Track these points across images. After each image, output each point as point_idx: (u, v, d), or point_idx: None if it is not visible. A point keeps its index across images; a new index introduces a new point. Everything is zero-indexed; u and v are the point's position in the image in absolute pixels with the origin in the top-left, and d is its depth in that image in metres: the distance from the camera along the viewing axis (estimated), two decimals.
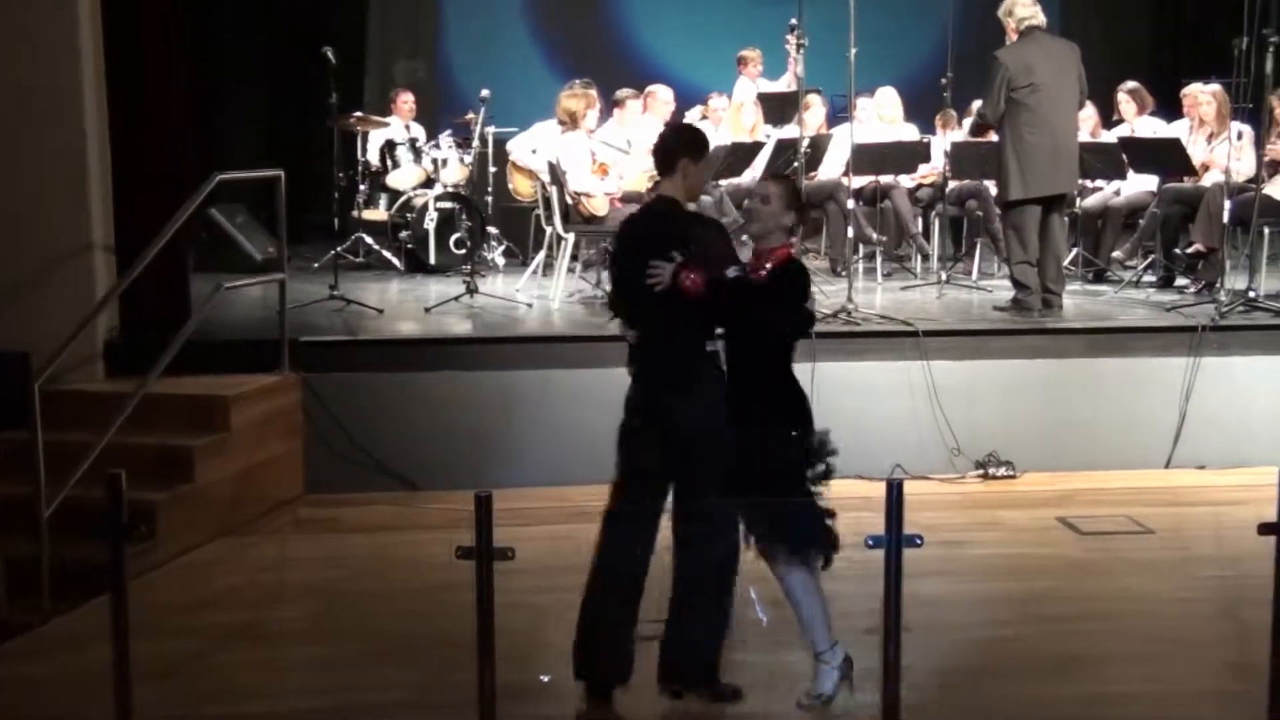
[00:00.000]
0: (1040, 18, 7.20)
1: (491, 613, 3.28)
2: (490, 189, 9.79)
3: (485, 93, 9.27)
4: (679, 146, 4.16)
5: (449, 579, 4.11)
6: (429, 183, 9.40)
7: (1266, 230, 7.70)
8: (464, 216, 9.21)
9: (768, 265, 4.05)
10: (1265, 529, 3.53)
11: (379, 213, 9.56)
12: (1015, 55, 7.10)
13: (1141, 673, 4.42)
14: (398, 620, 4.89)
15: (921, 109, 9.66)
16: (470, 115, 9.59)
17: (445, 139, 9.64)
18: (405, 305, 7.86)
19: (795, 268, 4.09)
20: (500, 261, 9.55)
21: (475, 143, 9.53)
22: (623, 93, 8.62)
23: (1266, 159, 7.61)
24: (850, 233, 8.01)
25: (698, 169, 4.16)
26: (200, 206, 6.35)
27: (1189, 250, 8.08)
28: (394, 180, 9.52)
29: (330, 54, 8.42)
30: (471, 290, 7.72)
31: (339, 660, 4.54)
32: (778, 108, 9.15)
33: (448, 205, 9.20)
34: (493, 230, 9.65)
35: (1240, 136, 7.95)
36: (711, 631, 4.16)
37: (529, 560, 3.93)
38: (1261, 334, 6.94)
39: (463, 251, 8.95)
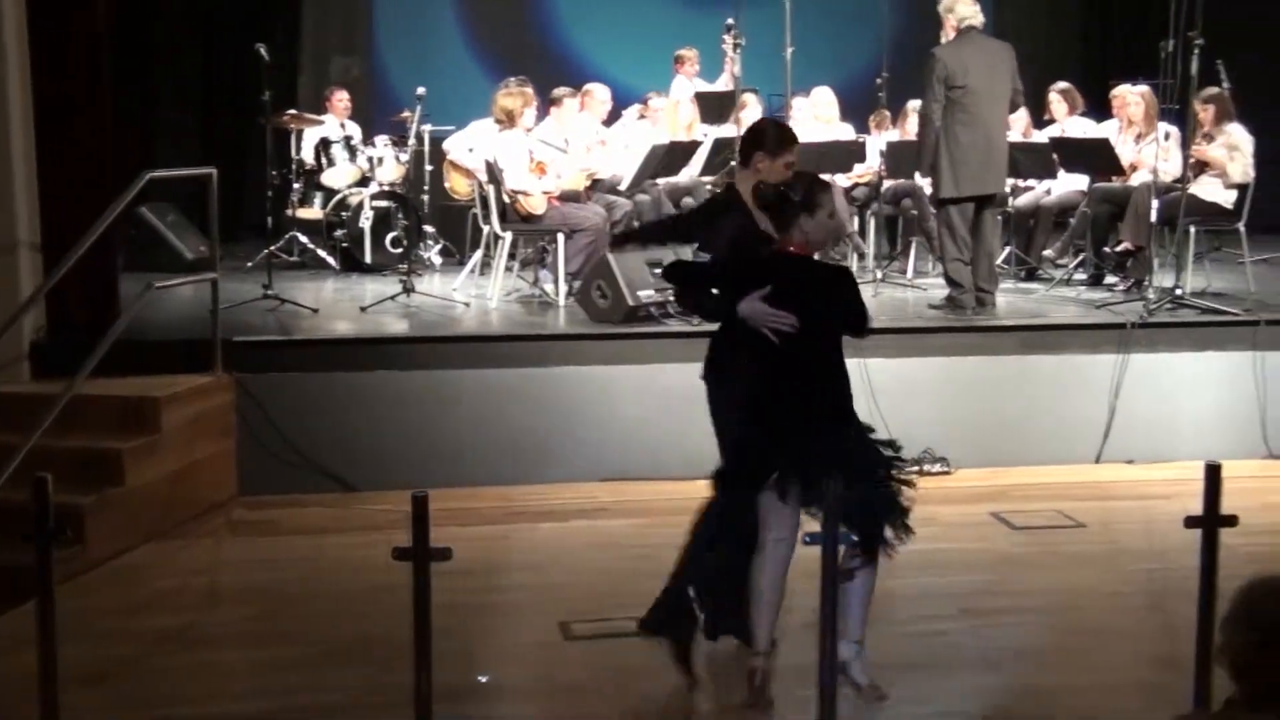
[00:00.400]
0: (979, 18, 7.27)
1: (428, 614, 3.26)
2: (427, 188, 9.73)
3: (421, 91, 9.21)
4: (753, 140, 4.43)
5: (386, 580, 4.08)
6: (364, 181, 9.33)
7: (1192, 229, 7.84)
8: (400, 215, 9.14)
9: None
10: (1191, 522, 3.59)
11: (314, 211, 9.47)
12: (952, 54, 7.18)
13: (1073, 665, 4.48)
14: (334, 622, 4.84)
15: (857, 109, 9.74)
16: (406, 113, 9.53)
17: (381, 137, 9.57)
18: (341, 305, 7.80)
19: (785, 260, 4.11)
20: (437, 260, 9.49)
21: (411, 141, 9.47)
22: (559, 91, 8.61)
23: (1192, 159, 7.75)
24: None
25: (772, 164, 4.31)
26: (130, 205, 6.26)
27: (1118, 249, 8.21)
28: (329, 179, 9.43)
29: (264, 51, 8.33)
30: (408, 289, 7.67)
31: (275, 663, 4.49)
32: (715, 107, 9.18)
33: (384, 204, 9.13)
34: (429, 229, 9.59)
35: (1167, 137, 8.09)
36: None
37: (467, 561, 3.92)
38: (1187, 331, 7.07)
39: (399, 250, 8.88)
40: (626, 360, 6.70)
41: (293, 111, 9.66)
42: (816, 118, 9.38)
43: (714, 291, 4.20)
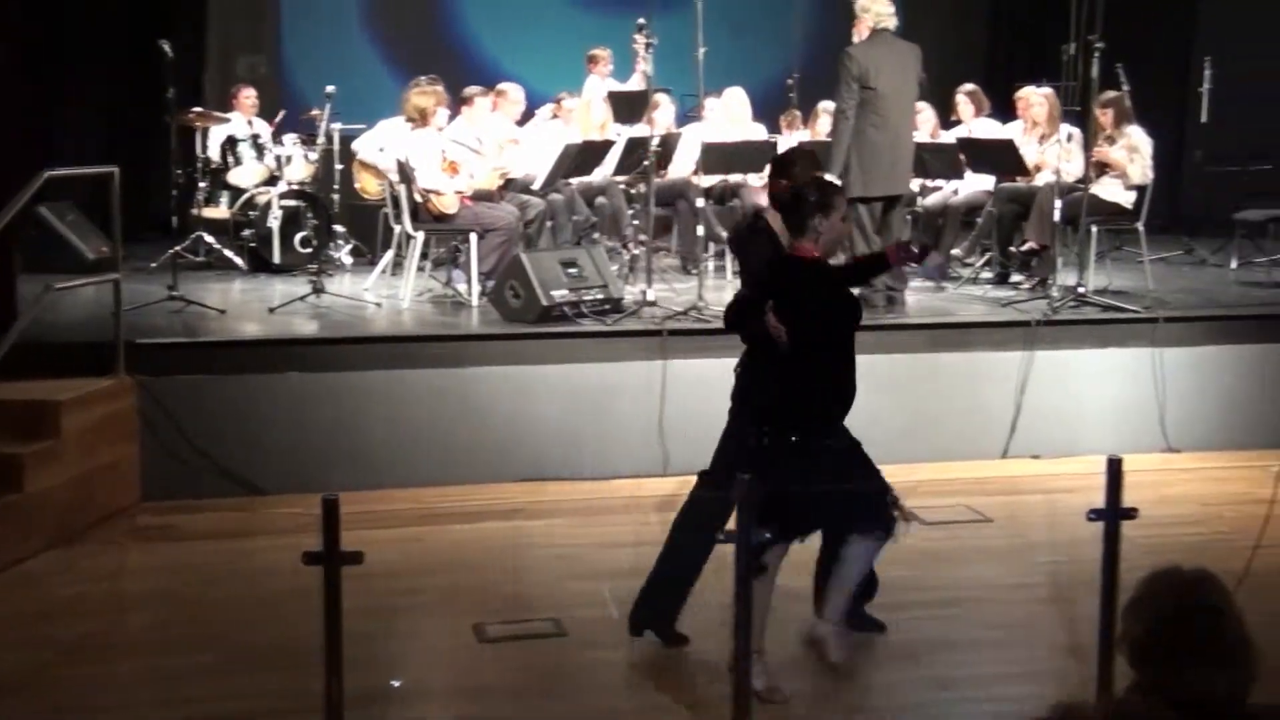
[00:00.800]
0: (894, 21, 7.35)
1: (339, 618, 3.23)
2: (337, 186, 9.61)
3: (330, 89, 9.10)
4: (782, 166, 4.64)
5: (296, 585, 4.02)
6: (272, 180, 9.18)
7: (1094, 229, 8.01)
8: (309, 215, 9.01)
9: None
10: (1095, 515, 3.67)
11: (220, 211, 9.30)
12: (865, 53, 7.24)
13: (982, 657, 4.56)
14: (243, 629, 4.77)
15: (769, 109, 9.81)
16: (315, 111, 9.41)
17: (290, 136, 9.44)
18: (248, 305, 7.67)
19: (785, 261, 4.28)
20: (347, 261, 9.38)
21: (321, 139, 9.35)
22: (470, 90, 8.55)
23: (1094, 160, 7.92)
24: (700, 231, 8.09)
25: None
26: (29, 204, 6.10)
27: (1023, 248, 8.37)
28: (235, 177, 9.27)
29: (167, 47, 8.16)
30: (318, 290, 7.57)
31: (182, 672, 4.40)
32: (627, 107, 9.19)
33: (292, 203, 9.00)
34: (339, 229, 9.47)
35: (1070, 138, 8.26)
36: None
37: (379, 564, 3.88)
38: (1090, 328, 7.23)
39: (308, 250, 8.77)
40: (540, 360, 6.68)
41: (198, 109, 9.49)
42: (729, 118, 9.44)
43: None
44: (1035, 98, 8.69)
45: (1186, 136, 11.41)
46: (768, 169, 5.02)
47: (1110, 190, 8.04)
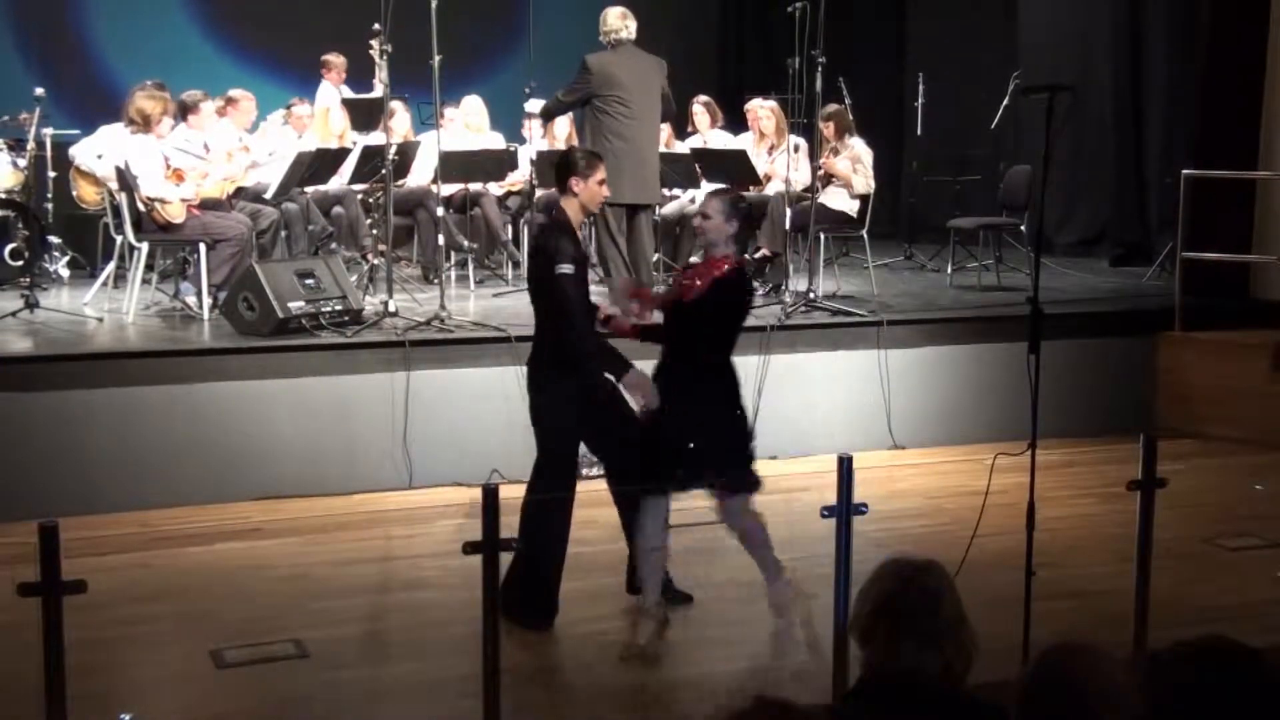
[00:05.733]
0: (627, 33, 7.48)
1: (60, 652, 3.04)
2: (50, 195, 9.07)
3: (39, 91, 8.59)
4: (565, 168, 4.86)
5: (14, 619, 3.76)
6: None
7: (823, 236, 8.35)
8: (20, 225, 8.47)
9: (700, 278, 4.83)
10: (827, 512, 3.82)
11: None
12: (602, 64, 7.34)
13: (723, 654, 4.67)
14: None
15: (506, 117, 9.82)
16: (24, 116, 8.85)
17: None
18: None
19: (730, 280, 4.83)
20: (64, 273, 8.87)
21: (30, 145, 8.80)
22: (193, 94, 8.21)
23: (820, 171, 8.26)
24: (441, 240, 8.02)
25: (585, 185, 4.82)
26: None
27: (757, 255, 8.65)
28: None
29: None
30: (31, 305, 7.14)
31: None
32: (364, 114, 9.03)
33: (0, 213, 8.44)
34: (54, 239, 8.95)
35: (797, 149, 8.60)
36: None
37: (104, 593, 3.68)
38: (822, 332, 7.52)
39: (19, 263, 8.24)
40: (277, 374, 6.48)
41: None
42: (467, 126, 9.40)
43: None
44: (763, 110, 9.02)
45: (904, 148, 12.05)
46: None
47: (836, 199, 8.41)
